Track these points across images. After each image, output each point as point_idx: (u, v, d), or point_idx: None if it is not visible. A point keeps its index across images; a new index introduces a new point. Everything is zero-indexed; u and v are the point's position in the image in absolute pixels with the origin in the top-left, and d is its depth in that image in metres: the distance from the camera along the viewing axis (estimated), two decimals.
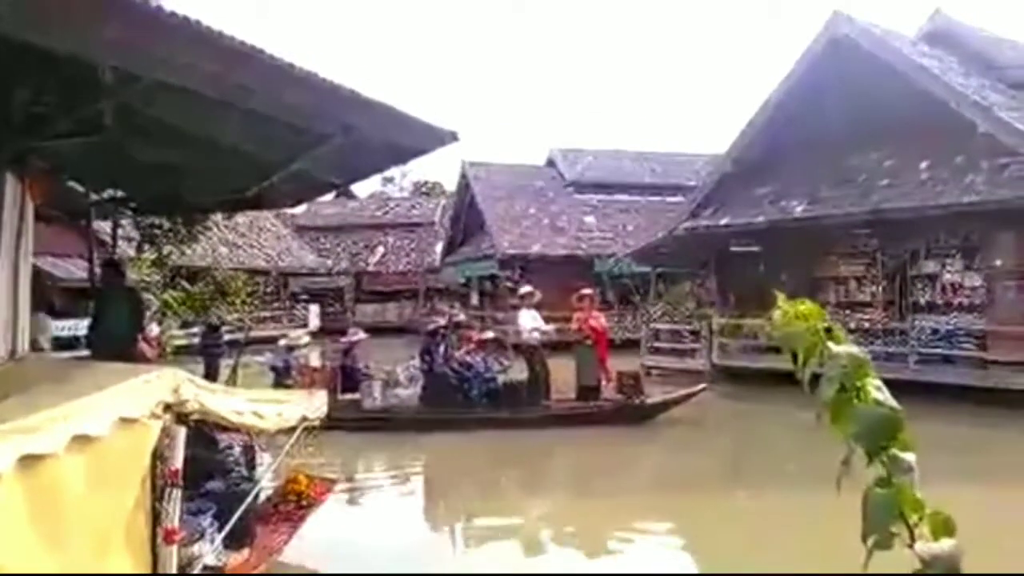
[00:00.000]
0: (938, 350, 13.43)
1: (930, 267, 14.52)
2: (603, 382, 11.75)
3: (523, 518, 7.77)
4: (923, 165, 13.99)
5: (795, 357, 1.06)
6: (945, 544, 0.89)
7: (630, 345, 18.74)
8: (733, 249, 16.74)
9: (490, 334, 12.52)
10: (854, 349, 1.02)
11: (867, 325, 14.87)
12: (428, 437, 10.61)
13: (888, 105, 13.94)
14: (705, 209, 17.42)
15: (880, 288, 15.18)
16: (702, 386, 12.19)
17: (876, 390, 1.00)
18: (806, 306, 1.08)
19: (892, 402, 0.99)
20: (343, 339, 12.88)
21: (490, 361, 11.82)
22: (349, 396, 11.48)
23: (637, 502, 8.07)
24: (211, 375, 12.47)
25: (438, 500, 8.69)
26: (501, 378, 11.70)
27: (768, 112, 16.30)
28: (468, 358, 11.89)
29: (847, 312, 15.22)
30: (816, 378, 1.04)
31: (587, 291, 12.69)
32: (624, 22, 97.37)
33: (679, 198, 22.65)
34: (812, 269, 15.99)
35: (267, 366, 12.64)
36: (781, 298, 1.13)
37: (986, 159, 12.85)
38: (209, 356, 13.93)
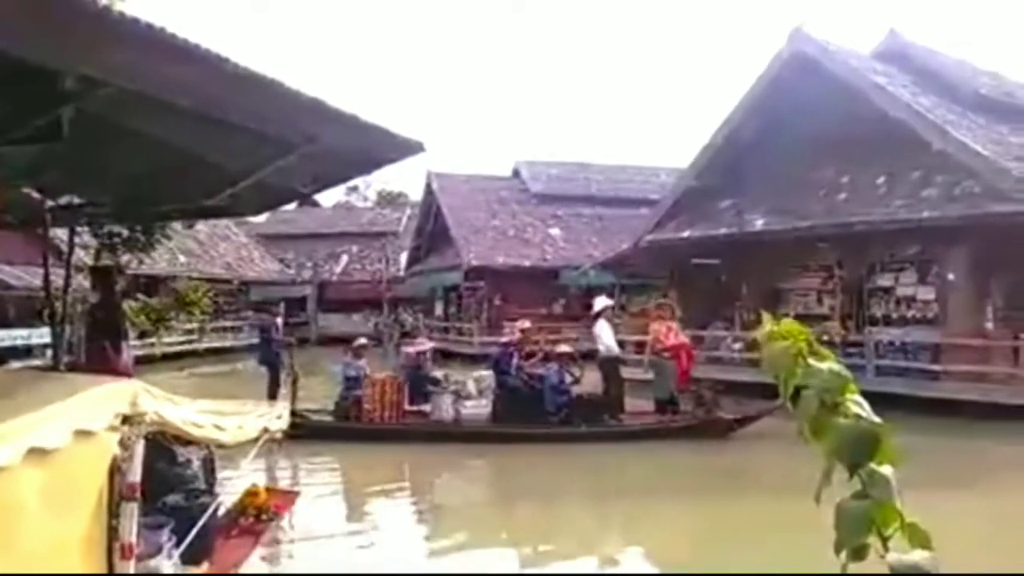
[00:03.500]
0: (894, 362, 13.71)
1: (886, 280, 14.85)
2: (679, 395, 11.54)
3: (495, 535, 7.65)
4: (880, 180, 14.33)
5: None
6: (917, 555, 0.91)
7: (593, 356, 18.78)
8: (695, 261, 16.96)
9: (565, 347, 12.30)
10: (835, 366, 1.03)
11: (826, 337, 15.13)
12: (498, 451, 10.42)
13: (846, 121, 14.27)
14: (669, 221, 17.64)
15: (838, 301, 15.47)
16: (780, 401, 12.07)
17: (857, 405, 1.01)
18: (788, 324, 1.09)
19: (873, 417, 1.00)
20: (411, 348, 12.54)
21: (563, 374, 11.57)
22: (416, 407, 11.31)
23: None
24: (274, 384, 11.87)
25: (435, 519, 8.39)
26: (574, 391, 11.48)
27: (730, 127, 16.59)
28: (540, 370, 11.70)
29: (806, 324, 15.45)
30: (798, 394, 1.06)
31: (665, 300, 12.45)
32: (590, 36, 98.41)
33: (643, 210, 22.87)
34: (772, 282, 16.25)
35: (339, 375, 12.29)
36: (766, 316, 1.15)
37: (940, 175, 13.21)
38: (269, 361, 12.72)
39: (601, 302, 12.87)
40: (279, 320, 14.42)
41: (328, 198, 49.24)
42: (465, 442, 10.61)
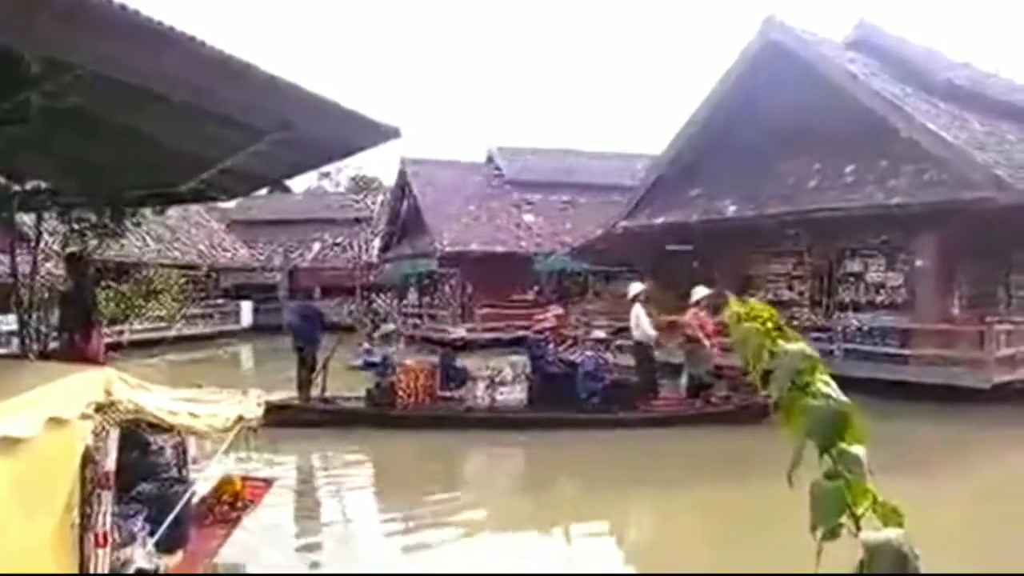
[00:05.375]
0: (862, 346, 13.94)
1: (855, 266, 15.08)
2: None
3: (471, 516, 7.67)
4: (849, 168, 14.51)
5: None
6: (890, 532, 0.94)
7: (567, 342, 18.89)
8: (668, 248, 17.08)
9: (600, 333, 12.24)
10: (805, 347, 1.06)
11: (796, 322, 15.34)
12: (535, 437, 10.35)
13: (817, 109, 14.42)
14: (642, 208, 17.74)
15: (808, 286, 15.69)
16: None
17: (825, 385, 1.04)
18: (757, 305, 1.11)
19: (842, 397, 1.03)
20: (448, 336, 12.39)
21: (597, 360, 11.50)
22: (448, 394, 11.25)
23: None
24: (306, 370, 11.64)
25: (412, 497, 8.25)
26: (608, 377, 11.44)
27: (703, 114, 16.68)
28: (574, 357, 11.59)
29: (777, 309, 15.67)
30: (767, 375, 1.08)
31: (703, 289, 12.20)
32: (565, 21, 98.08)
33: (617, 197, 22.93)
34: (744, 268, 16.42)
35: (361, 363, 12.07)
36: (732, 298, 1.17)
37: (908, 163, 13.40)
38: (304, 345, 12.12)
39: (636, 287, 12.69)
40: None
41: (300, 184, 48.77)
42: (500, 428, 10.58)
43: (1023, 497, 7.76)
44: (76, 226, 8.72)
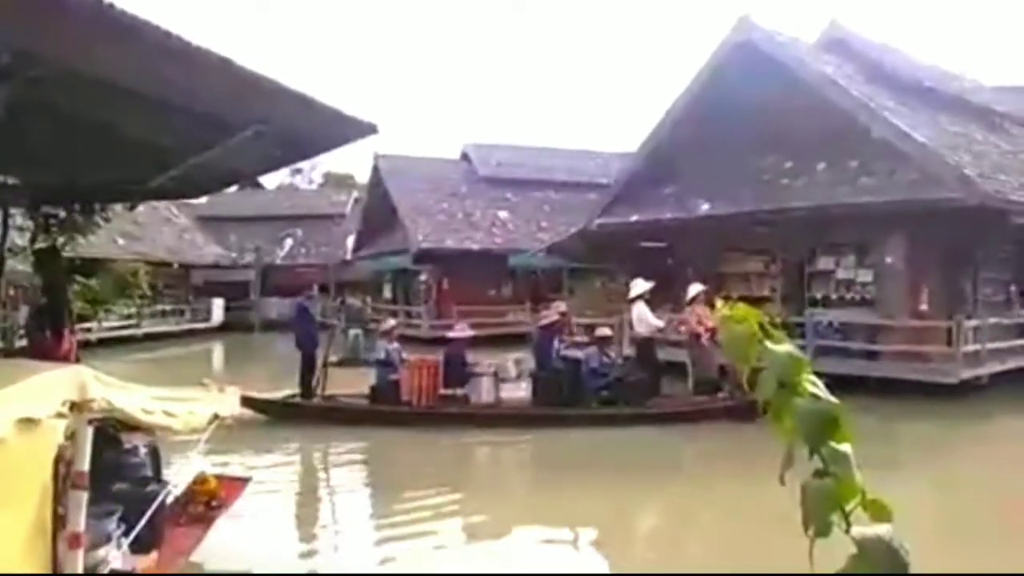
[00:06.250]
0: (834, 343, 14.11)
1: (826, 264, 15.27)
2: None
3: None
4: (821, 167, 14.69)
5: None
6: (880, 528, 0.95)
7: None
8: (642, 245, 17.16)
9: (606, 331, 12.17)
10: (791, 348, 1.07)
11: (767, 319, 15.46)
12: (539, 434, 10.28)
13: (789, 109, 14.57)
14: (617, 206, 17.81)
15: (780, 283, 15.86)
16: None
17: (813, 386, 1.05)
18: (743, 308, 1.13)
19: (829, 396, 1.05)
20: (451, 333, 12.24)
21: (602, 356, 11.44)
22: (452, 391, 11.08)
23: None
24: (308, 369, 11.45)
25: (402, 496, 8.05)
26: (613, 374, 11.41)
27: (677, 113, 16.78)
28: (577, 353, 11.57)
29: (749, 306, 15.82)
30: (756, 376, 1.10)
31: (697, 286, 12.36)
32: (539, 21, 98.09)
33: (592, 195, 23.02)
34: (717, 265, 16.54)
35: (371, 359, 11.87)
36: (720, 302, 1.18)
37: (879, 162, 13.59)
38: (305, 344, 11.84)
39: (640, 286, 12.68)
40: (317, 303, 13.79)
41: (271, 180, 48.28)
42: (505, 425, 10.52)
43: (991, 491, 7.90)
44: (44, 222, 8.58)
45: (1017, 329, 14.57)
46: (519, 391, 11.24)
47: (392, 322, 12.84)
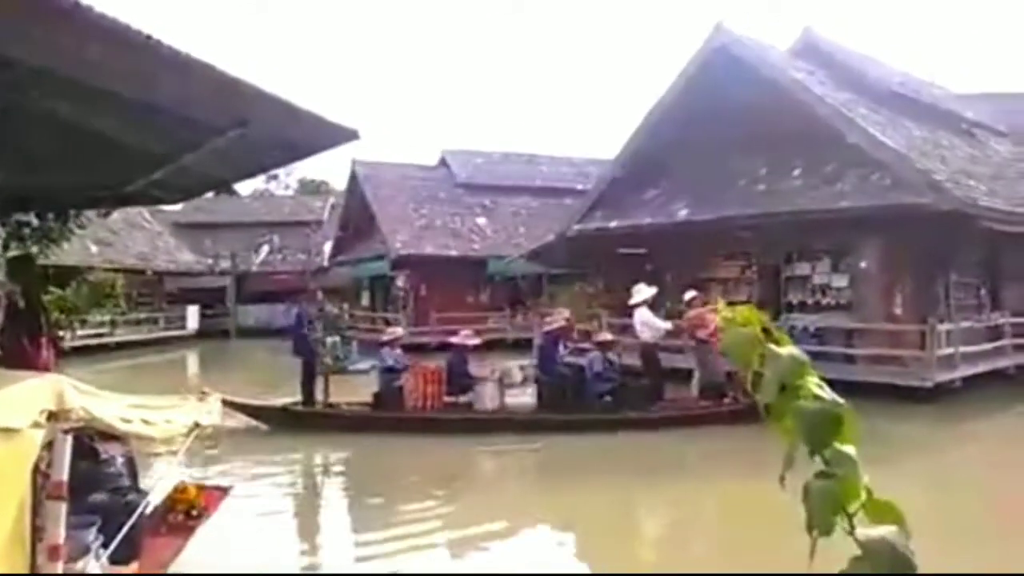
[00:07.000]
0: (811, 347, 14.23)
1: (803, 269, 15.42)
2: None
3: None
4: (796, 172, 14.85)
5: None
6: (884, 529, 0.96)
7: (522, 345, 18.96)
8: (621, 251, 17.23)
9: (608, 335, 12.12)
10: (794, 351, 1.08)
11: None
12: (546, 439, 10.18)
13: (765, 115, 14.71)
14: (595, 212, 17.88)
15: (757, 288, 15.98)
16: None
17: (816, 387, 1.05)
18: (745, 311, 1.13)
19: (835, 397, 1.05)
20: (454, 339, 12.12)
21: (605, 361, 11.37)
22: (453, 398, 11.00)
23: None
24: (309, 378, 11.27)
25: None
26: (617, 379, 11.34)
27: (654, 119, 16.90)
28: (580, 359, 11.52)
29: None
30: (758, 379, 1.09)
31: (691, 292, 12.42)
32: (518, 28, 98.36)
33: (570, 201, 23.08)
34: (695, 270, 16.65)
35: (371, 368, 11.72)
36: (721, 304, 1.18)
37: (854, 168, 13.76)
38: (304, 353, 11.59)
39: (643, 292, 12.63)
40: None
41: (247, 186, 48.01)
42: (511, 431, 10.44)
43: (966, 492, 8.00)
44: (16, 229, 8.44)
45: (988, 332, 14.80)
46: (524, 397, 11.22)
47: (399, 331, 12.80)
